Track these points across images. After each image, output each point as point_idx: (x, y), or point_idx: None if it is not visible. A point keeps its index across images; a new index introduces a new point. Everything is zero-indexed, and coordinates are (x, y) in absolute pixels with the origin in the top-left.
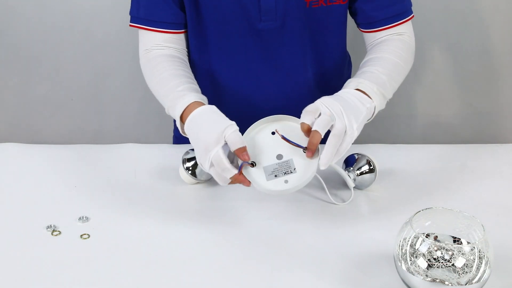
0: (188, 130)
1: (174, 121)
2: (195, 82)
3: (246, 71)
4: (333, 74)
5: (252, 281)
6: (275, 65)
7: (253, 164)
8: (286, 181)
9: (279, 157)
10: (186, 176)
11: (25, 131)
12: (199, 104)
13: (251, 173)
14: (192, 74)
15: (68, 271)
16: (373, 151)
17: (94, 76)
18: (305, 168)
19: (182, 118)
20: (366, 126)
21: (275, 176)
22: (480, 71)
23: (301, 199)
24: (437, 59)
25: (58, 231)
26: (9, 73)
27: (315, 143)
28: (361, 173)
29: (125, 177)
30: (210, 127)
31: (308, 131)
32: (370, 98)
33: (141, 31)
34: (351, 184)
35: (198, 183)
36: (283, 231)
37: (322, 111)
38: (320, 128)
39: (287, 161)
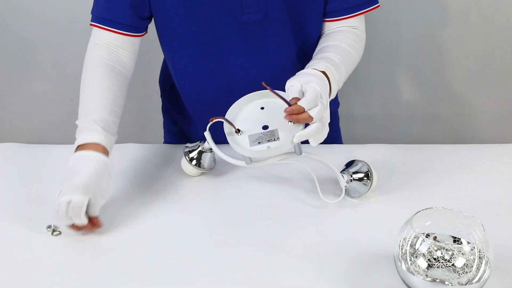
0: (71, 162)
1: (165, 130)
2: (115, 110)
3: (233, 64)
4: None
5: (252, 281)
6: (261, 57)
7: (238, 131)
8: (268, 147)
9: (265, 127)
10: (189, 167)
11: (25, 131)
12: (94, 147)
13: (236, 138)
14: (121, 96)
15: (68, 271)
16: (373, 151)
17: None
18: (287, 137)
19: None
20: (366, 126)
21: (259, 143)
22: (480, 71)
23: (301, 199)
24: (437, 59)
25: (58, 231)
26: (9, 73)
27: (295, 110)
28: (355, 179)
29: (125, 177)
30: (87, 179)
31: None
32: (330, 89)
33: (95, 29)
34: (342, 183)
35: (202, 173)
36: (283, 231)
37: (319, 101)
38: (308, 105)
39: (271, 131)
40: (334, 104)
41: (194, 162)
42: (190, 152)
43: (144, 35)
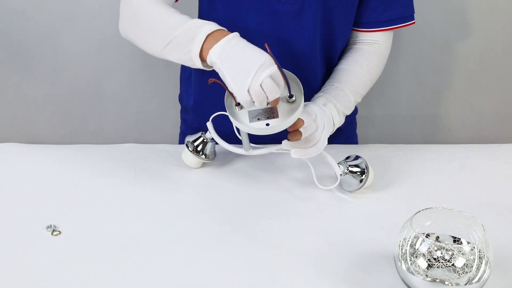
0: (224, 50)
1: (181, 118)
2: None
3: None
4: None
5: (252, 281)
6: (287, 49)
7: (238, 104)
8: (267, 124)
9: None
10: (191, 157)
11: (25, 131)
12: (226, 31)
13: (236, 113)
14: None
15: (68, 271)
16: (373, 151)
17: (94, 76)
18: (286, 115)
19: (204, 47)
20: (366, 126)
21: (258, 119)
22: (480, 71)
23: (300, 199)
24: (437, 59)
25: (58, 231)
26: (9, 73)
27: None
28: (351, 171)
29: (125, 177)
30: (256, 51)
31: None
32: (333, 121)
33: None
34: (338, 171)
35: (204, 164)
36: (283, 231)
37: (314, 118)
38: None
39: (271, 108)
40: (353, 112)
41: (196, 151)
42: (192, 142)
43: (176, 1)
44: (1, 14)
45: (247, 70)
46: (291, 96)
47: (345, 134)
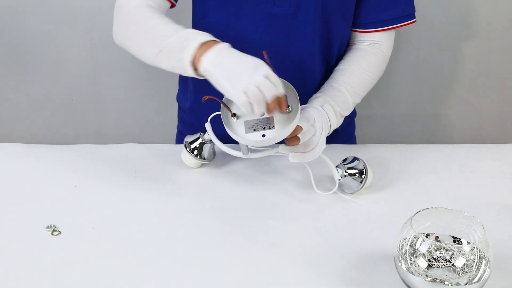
0: (218, 57)
1: (179, 117)
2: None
3: (254, 55)
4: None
5: (252, 281)
6: (284, 52)
7: (234, 115)
8: (263, 135)
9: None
10: (189, 158)
11: (25, 131)
12: (219, 41)
13: (232, 123)
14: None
15: (68, 271)
16: (373, 151)
17: (94, 76)
18: (283, 126)
19: (196, 55)
20: (366, 125)
21: (254, 130)
22: (480, 71)
23: (300, 199)
24: (437, 59)
25: (58, 231)
26: (9, 73)
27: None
28: (350, 174)
29: (125, 177)
30: (250, 56)
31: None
32: (330, 122)
33: None
34: (336, 176)
35: (203, 164)
36: (283, 231)
37: (312, 123)
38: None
39: (267, 118)
40: (351, 114)
41: (194, 152)
42: (191, 143)
43: (172, 7)
44: (1, 14)
45: (241, 71)
46: (287, 106)
47: (342, 137)
